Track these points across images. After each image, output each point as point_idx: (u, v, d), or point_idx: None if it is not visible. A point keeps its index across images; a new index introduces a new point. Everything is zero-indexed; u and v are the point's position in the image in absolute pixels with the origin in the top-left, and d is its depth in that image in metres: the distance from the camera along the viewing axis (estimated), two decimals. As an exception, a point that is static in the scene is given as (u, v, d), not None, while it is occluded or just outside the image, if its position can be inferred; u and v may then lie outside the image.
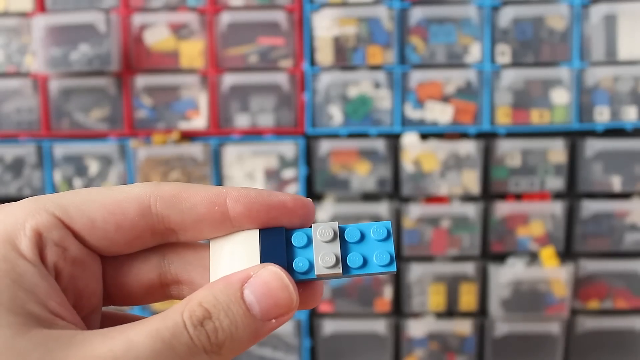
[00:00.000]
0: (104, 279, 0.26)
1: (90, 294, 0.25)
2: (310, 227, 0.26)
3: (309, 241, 0.26)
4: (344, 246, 0.26)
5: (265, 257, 0.25)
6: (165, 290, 0.27)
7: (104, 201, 0.25)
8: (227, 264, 0.26)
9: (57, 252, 0.24)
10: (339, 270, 0.25)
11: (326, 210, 1.12)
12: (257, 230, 0.26)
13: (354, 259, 0.25)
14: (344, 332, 1.15)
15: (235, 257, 0.26)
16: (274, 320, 0.24)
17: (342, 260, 0.25)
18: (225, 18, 1.11)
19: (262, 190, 0.26)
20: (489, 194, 1.14)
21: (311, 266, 0.25)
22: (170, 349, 0.22)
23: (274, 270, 0.24)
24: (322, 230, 0.26)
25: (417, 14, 1.09)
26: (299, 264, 0.25)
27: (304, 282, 0.26)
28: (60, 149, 1.16)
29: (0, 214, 0.24)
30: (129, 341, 0.21)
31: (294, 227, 0.26)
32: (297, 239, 0.26)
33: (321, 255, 0.25)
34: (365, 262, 0.25)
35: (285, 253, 0.25)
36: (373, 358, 1.16)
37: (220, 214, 0.25)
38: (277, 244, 0.26)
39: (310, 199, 0.27)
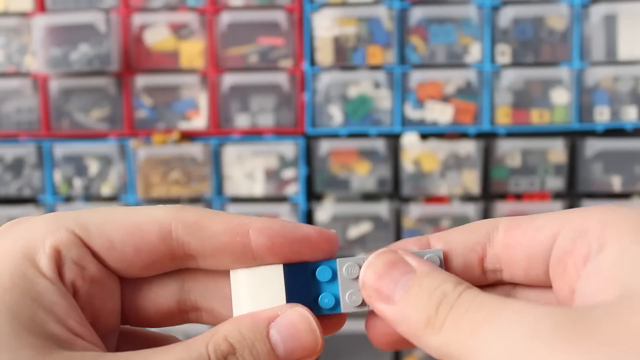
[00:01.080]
0: (122, 300, 0.26)
1: (108, 314, 0.25)
2: (335, 259, 0.26)
3: (334, 276, 0.26)
4: None
5: (291, 295, 0.25)
6: (183, 316, 0.27)
7: (125, 222, 0.24)
8: (250, 298, 0.25)
9: (76, 270, 0.23)
10: (367, 308, 0.26)
11: (326, 210, 1.13)
12: (282, 266, 0.25)
13: None
14: (344, 332, 1.15)
15: (259, 292, 0.25)
16: None
17: None
18: (225, 18, 1.11)
19: (287, 222, 0.25)
20: (489, 194, 1.14)
21: (337, 302, 0.26)
22: None
23: (301, 312, 0.24)
24: (348, 267, 0.26)
25: (417, 14, 1.09)
26: (325, 300, 0.26)
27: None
28: (60, 149, 1.16)
29: (21, 228, 0.24)
30: None
31: (317, 260, 0.26)
32: (322, 273, 0.26)
33: (348, 294, 0.26)
34: None
35: (311, 290, 0.25)
36: (373, 358, 1.16)
37: (242, 245, 0.25)
38: (302, 281, 0.25)
39: (335, 232, 0.27)
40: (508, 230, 0.24)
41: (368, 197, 1.16)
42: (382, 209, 1.12)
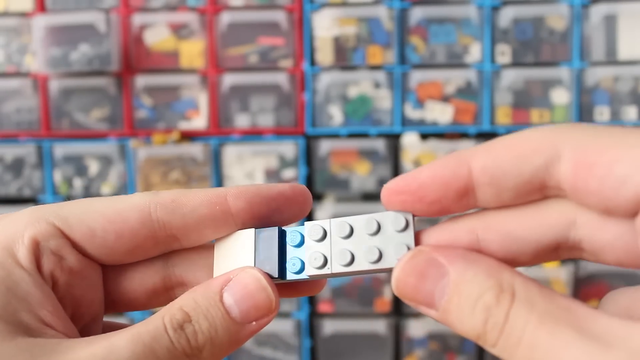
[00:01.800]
0: (107, 286, 0.26)
1: (89, 303, 0.25)
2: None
3: (303, 240, 0.25)
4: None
5: (258, 257, 0.25)
6: (170, 294, 0.27)
7: (104, 210, 0.25)
8: (224, 265, 0.26)
9: (54, 261, 0.24)
10: (329, 270, 0.24)
11: (326, 210, 1.12)
12: (253, 230, 0.25)
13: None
14: (344, 332, 1.15)
15: (233, 258, 0.25)
16: (254, 323, 0.24)
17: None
18: (225, 18, 1.11)
19: (261, 184, 0.26)
20: (489, 194, 1.14)
21: (303, 266, 0.25)
22: (151, 352, 0.22)
23: (252, 273, 0.24)
24: (311, 229, 0.25)
25: (417, 14, 1.09)
26: (292, 263, 0.25)
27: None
28: (60, 149, 1.16)
29: (1, 222, 0.24)
30: (111, 345, 0.22)
31: (294, 216, 0.26)
32: (291, 237, 0.26)
33: (309, 255, 0.25)
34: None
35: (278, 253, 0.25)
36: (373, 358, 1.16)
37: (222, 212, 0.25)
38: (270, 244, 0.25)
39: (305, 186, 0.27)
40: (578, 171, 0.20)
41: (368, 197, 1.16)
42: (382, 209, 1.12)
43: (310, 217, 1.14)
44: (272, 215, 0.26)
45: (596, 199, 0.20)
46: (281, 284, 0.26)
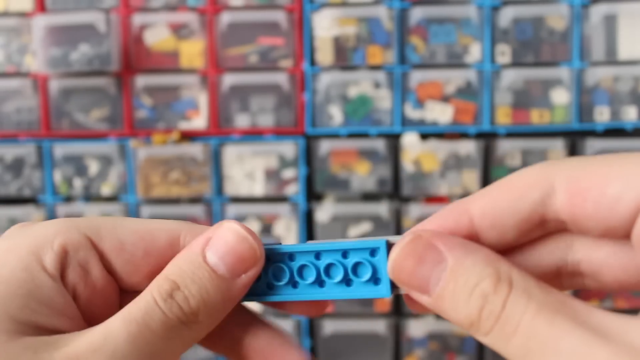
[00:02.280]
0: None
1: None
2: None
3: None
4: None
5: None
6: None
7: (136, 227, 0.25)
8: None
9: (79, 273, 0.24)
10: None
11: (326, 210, 1.12)
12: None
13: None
14: (344, 332, 1.15)
15: None
16: (243, 276, 0.24)
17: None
18: (225, 18, 1.11)
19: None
20: (489, 194, 1.13)
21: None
22: (146, 328, 0.22)
23: (229, 227, 0.24)
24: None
25: (417, 14, 1.09)
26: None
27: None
28: (60, 149, 1.16)
29: (33, 228, 0.24)
30: (106, 330, 0.21)
31: None
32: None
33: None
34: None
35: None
36: (373, 358, 1.16)
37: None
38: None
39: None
40: (573, 198, 0.21)
41: (368, 197, 1.16)
42: (382, 209, 1.12)
43: (310, 217, 1.14)
44: None
45: (594, 222, 0.21)
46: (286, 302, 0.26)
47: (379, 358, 1.16)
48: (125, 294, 0.26)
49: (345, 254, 0.24)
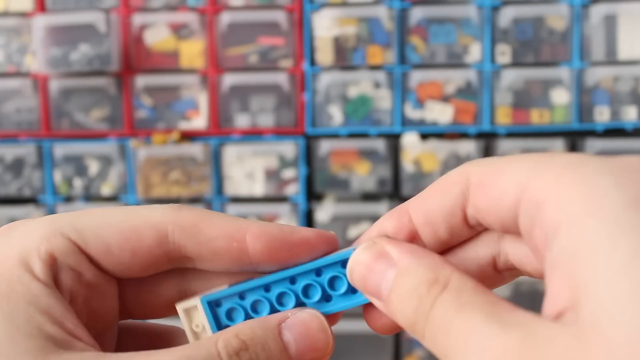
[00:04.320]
0: (122, 297, 0.26)
1: (104, 314, 0.25)
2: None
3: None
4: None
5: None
6: None
7: (121, 226, 0.24)
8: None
9: (72, 276, 0.23)
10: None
11: (326, 210, 1.12)
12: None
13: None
14: (344, 332, 1.15)
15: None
16: None
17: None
18: (225, 18, 1.11)
19: (285, 226, 0.25)
20: (489, 194, 1.14)
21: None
22: None
23: (313, 313, 0.24)
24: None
25: (417, 14, 1.09)
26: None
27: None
28: (60, 149, 1.16)
29: (16, 234, 0.24)
30: None
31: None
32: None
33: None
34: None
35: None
36: (373, 358, 1.16)
37: (238, 250, 0.24)
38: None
39: (334, 233, 0.26)
40: (475, 193, 0.22)
41: (368, 197, 1.16)
42: (382, 209, 1.12)
43: (310, 217, 1.14)
44: (290, 259, 0.25)
45: (491, 216, 0.22)
46: None
47: (379, 358, 1.16)
48: (124, 281, 0.26)
49: (318, 272, 0.25)
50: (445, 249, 0.24)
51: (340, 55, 1.10)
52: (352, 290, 0.24)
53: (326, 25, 1.10)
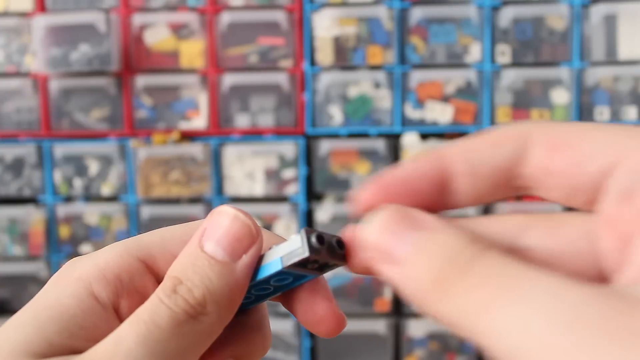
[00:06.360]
0: None
1: None
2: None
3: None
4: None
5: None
6: None
7: (183, 237, 0.24)
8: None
9: (137, 299, 0.23)
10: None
11: (326, 210, 1.12)
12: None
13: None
14: (344, 332, 1.15)
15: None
16: (244, 256, 0.23)
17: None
18: (225, 18, 1.11)
19: None
20: (489, 194, 1.14)
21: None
22: (155, 327, 0.21)
23: (220, 210, 0.23)
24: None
25: (417, 14, 1.09)
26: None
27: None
28: (60, 149, 1.16)
29: (85, 259, 0.24)
30: (117, 336, 0.21)
31: None
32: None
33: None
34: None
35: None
36: (373, 358, 1.16)
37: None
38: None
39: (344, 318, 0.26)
40: (548, 152, 0.20)
41: (368, 197, 1.16)
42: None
43: (310, 217, 1.14)
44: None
45: (563, 178, 0.20)
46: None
47: (379, 358, 1.16)
48: None
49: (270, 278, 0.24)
50: (474, 204, 0.22)
51: (340, 55, 1.10)
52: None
53: (326, 25, 1.10)
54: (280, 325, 1.14)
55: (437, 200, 0.22)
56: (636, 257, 0.17)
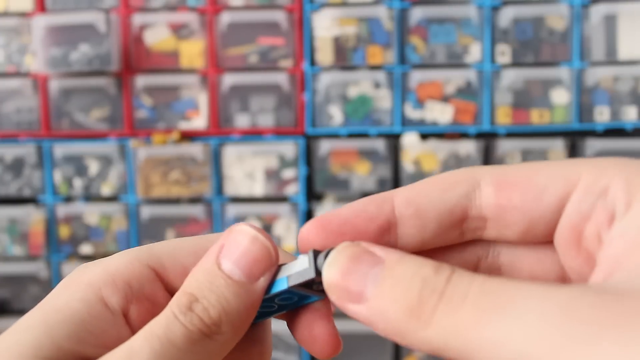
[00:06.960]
0: None
1: None
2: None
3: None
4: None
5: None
6: None
7: (195, 249, 0.24)
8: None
9: (147, 307, 0.23)
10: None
11: (326, 210, 1.12)
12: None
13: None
14: (344, 332, 1.15)
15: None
16: (262, 278, 0.23)
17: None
18: (225, 18, 1.11)
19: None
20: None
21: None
22: (169, 343, 0.21)
23: (240, 229, 0.23)
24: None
25: (417, 14, 1.09)
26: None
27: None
28: (60, 149, 1.16)
29: (95, 265, 0.24)
30: (130, 349, 0.21)
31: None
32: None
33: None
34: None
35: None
36: (373, 358, 1.16)
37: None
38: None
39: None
40: (501, 191, 0.21)
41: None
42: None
43: (310, 217, 1.14)
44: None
45: (519, 214, 0.21)
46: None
47: (379, 358, 1.16)
48: None
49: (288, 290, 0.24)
50: (420, 250, 0.23)
51: (340, 55, 1.10)
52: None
53: (326, 25, 1.10)
54: (280, 326, 1.14)
55: (381, 243, 0.22)
56: (604, 259, 0.19)
